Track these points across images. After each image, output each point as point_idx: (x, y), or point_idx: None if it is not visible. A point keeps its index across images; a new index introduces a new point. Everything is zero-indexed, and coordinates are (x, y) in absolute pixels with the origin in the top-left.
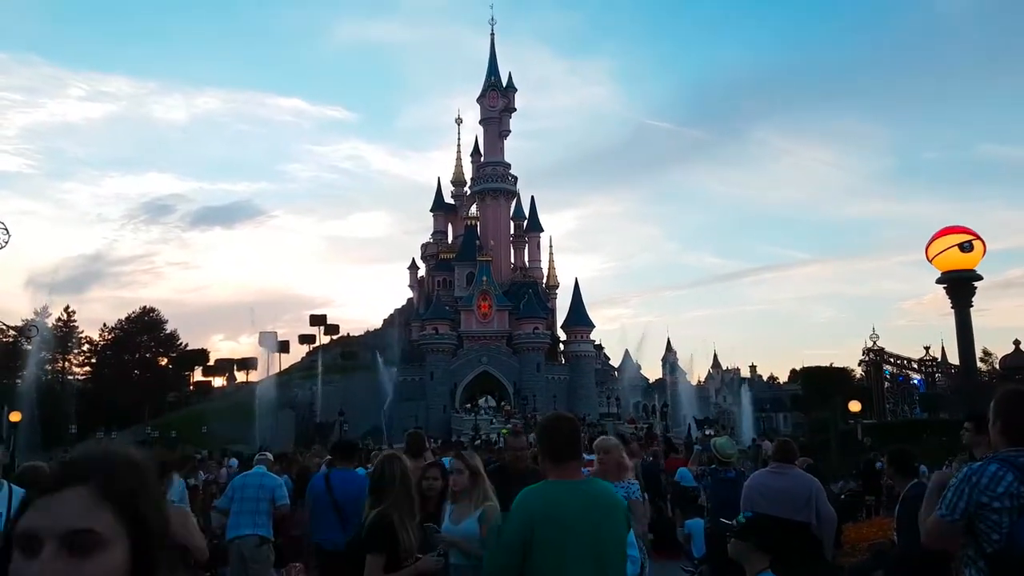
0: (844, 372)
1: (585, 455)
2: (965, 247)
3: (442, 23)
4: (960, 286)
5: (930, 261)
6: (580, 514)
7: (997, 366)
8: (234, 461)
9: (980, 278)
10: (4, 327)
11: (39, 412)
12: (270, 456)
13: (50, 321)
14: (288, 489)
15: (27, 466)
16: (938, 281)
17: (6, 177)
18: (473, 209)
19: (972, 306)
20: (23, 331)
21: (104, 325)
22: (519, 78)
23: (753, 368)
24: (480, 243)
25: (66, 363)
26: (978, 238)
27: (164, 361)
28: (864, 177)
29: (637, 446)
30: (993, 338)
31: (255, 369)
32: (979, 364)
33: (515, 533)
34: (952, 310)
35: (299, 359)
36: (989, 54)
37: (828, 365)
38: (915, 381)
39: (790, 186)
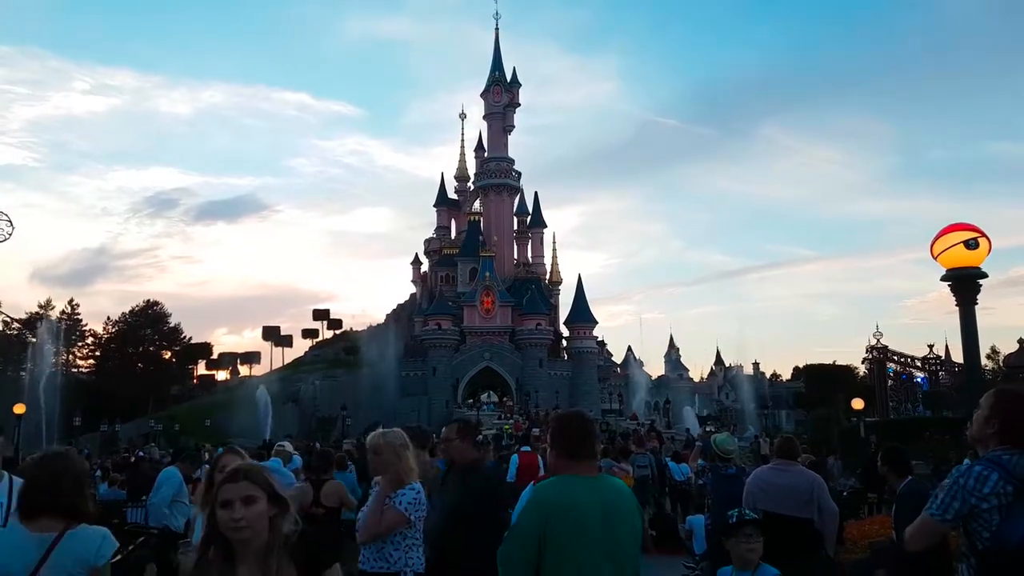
0: (847, 370)
1: (610, 461)
2: (970, 244)
3: (447, 19)
4: (965, 283)
5: (935, 258)
6: (595, 510)
7: (1002, 364)
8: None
9: (985, 275)
10: (9, 320)
11: (43, 405)
12: (288, 448)
13: (54, 314)
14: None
15: (31, 459)
16: (943, 278)
17: (11, 170)
18: (476, 204)
19: (977, 304)
20: (28, 324)
21: (108, 318)
22: (524, 74)
23: (756, 365)
24: (483, 239)
25: (70, 356)
26: (983, 235)
27: (168, 355)
28: (869, 175)
29: (644, 435)
30: (999, 336)
31: (258, 363)
32: (984, 362)
33: (531, 526)
34: (957, 308)
35: (302, 353)
36: (996, 52)
37: (831, 363)
38: (919, 379)
39: (795, 183)
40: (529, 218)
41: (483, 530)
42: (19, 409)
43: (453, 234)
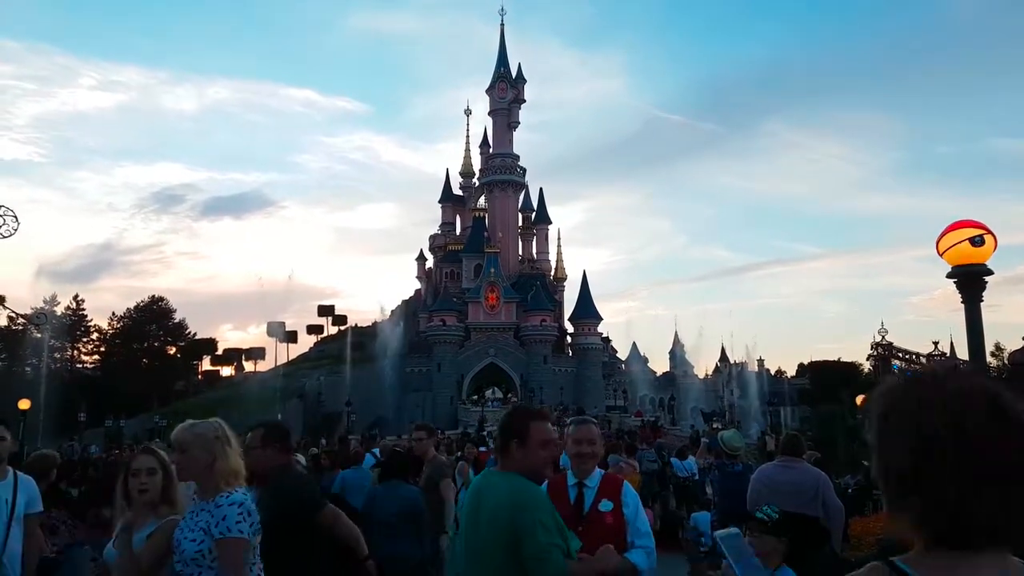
0: (852, 367)
1: (617, 456)
2: (976, 241)
3: (452, 14)
4: (971, 280)
5: (940, 255)
6: (468, 505)
7: (1007, 361)
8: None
9: (991, 272)
10: (14, 315)
11: (48, 400)
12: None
13: (59, 309)
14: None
15: (36, 454)
16: (948, 275)
17: (17, 165)
18: (481, 201)
19: (983, 301)
20: (33, 319)
21: (113, 314)
22: (529, 70)
23: (761, 362)
24: (488, 235)
25: (75, 352)
26: (989, 232)
27: (173, 350)
28: (875, 171)
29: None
30: (1004, 333)
31: (263, 359)
32: (989, 359)
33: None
34: (962, 304)
35: (307, 349)
36: (1002, 48)
37: (836, 360)
38: None
39: (800, 180)
40: (534, 214)
41: (298, 540)
42: (24, 404)
43: (458, 230)
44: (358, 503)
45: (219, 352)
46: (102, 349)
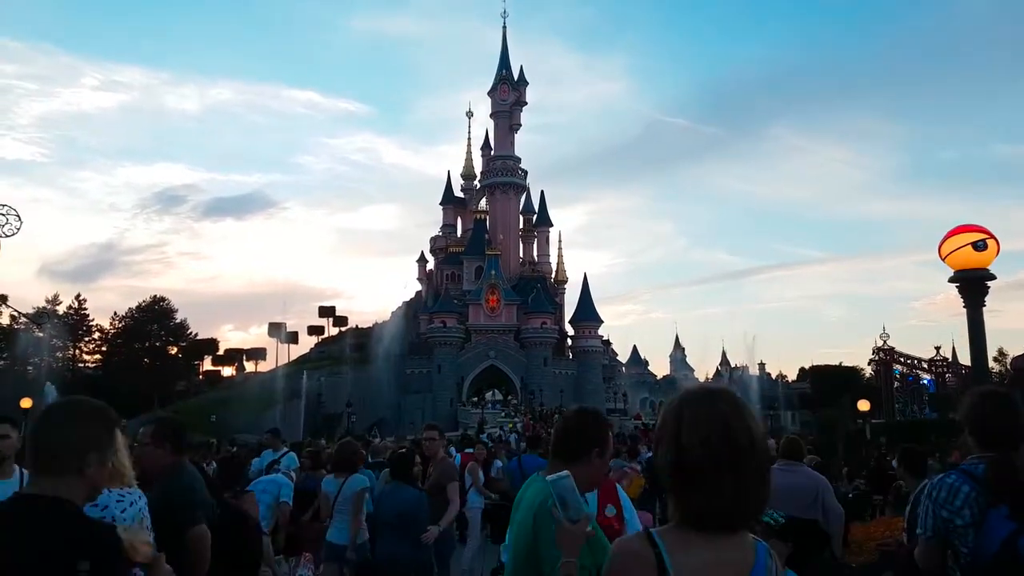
0: (854, 371)
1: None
2: (979, 246)
3: (454, 17)
4: (973, 285)
5: (943, 259)
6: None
7: (1009, 366)
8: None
9: (993, 277)
10: (16, 314)
11: (49, 399)
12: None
13: (61, 309)
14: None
15: None
16: (951, 280)
17: (20, 165)
18: (483, 203)
19: (985, 305)
20: (35, 319)
21: (115, 314)
22: (531, 72)
23: (762, 366)
24: (489, 237)
25: (77, 351)
26: (992, 237)
27: (174, 350)
28: (878, 175)
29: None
30: (1006, 339)
31: (264, 359)
32: (992, 364)
33: None
34: (964, 309)
35: (308, 350)
36: (1007, 54)
37: (838, 364)
38: (925, 381)
39: (804, 184)
40: (535, 217)
41: (174, 549)
42: (26, 404)
43: (459, 232)
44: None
45: (220, 352)
46: (103, 349)
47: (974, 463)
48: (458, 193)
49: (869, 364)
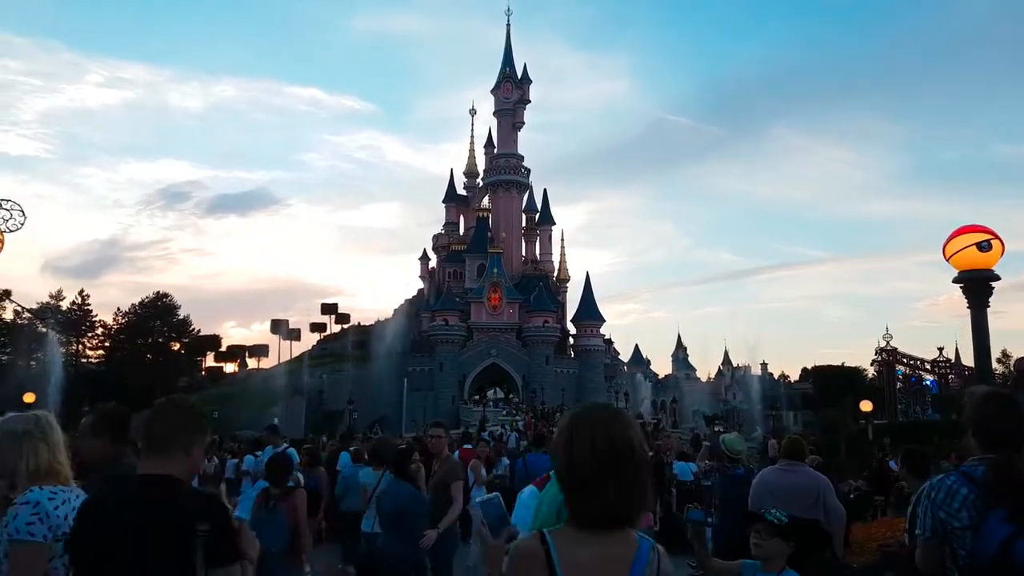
0: (856, 372)
1: None
2: (983, 246)
3: (458, 15)
4: (977, 286)
5: (947, 260)
6: None
7: (1013, 367)
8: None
9: (998, 278)
10: (20, 309)
11: (53, 395)
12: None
13: (65, 304)
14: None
15: None
16: (955, 280)
17: (24, 161)
18: (485, 201)
19: (989, 306)
20: (39, 314)
21: (118, 309)
22: (535, 71)
23: (764, 366)
24: (491, 235)
25: (80, 346)
26: (997, 237)
27: (176, 346)
28: (881, 176)
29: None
30: (1010, 341)
31: (266, 356)
32: (995, 365)
33: None
34: (968, 310)
35: (310, 347)
36: (1009, 54)
37: (840, 364)
38: (928, 382)
39: (806, 184)
40: (538, 215)
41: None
42: (29, 398)
43: (462, 230)
44: (358, 503)
45: (223, 349)
46: (106, 344)
47: (974, 465)
48: (461, 191)
49: (872, 365)
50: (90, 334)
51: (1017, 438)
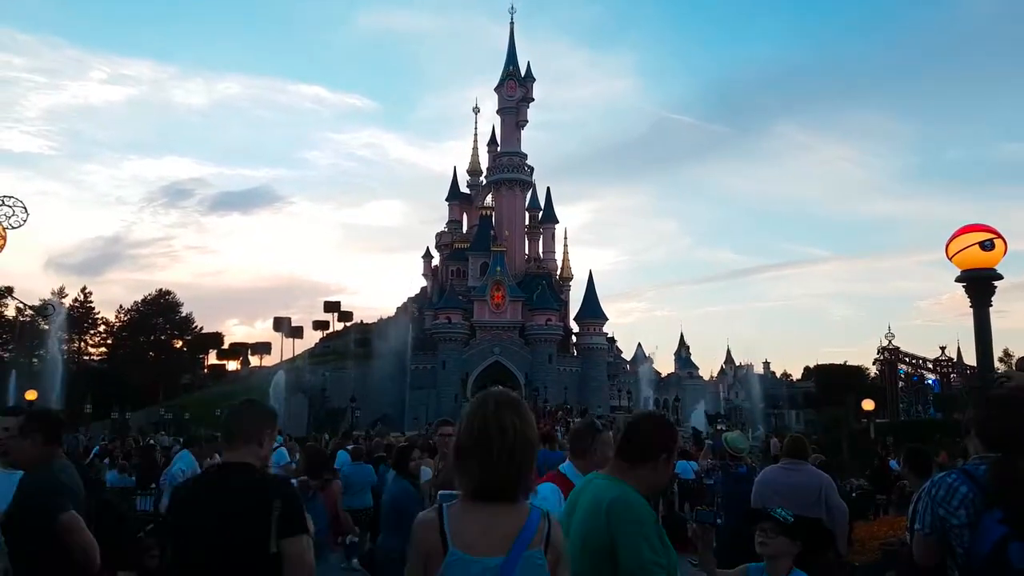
0: (858, 370)
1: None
2: (986, 245)
3: (462, 12)
4: (980, 285)
5: (950, 259)
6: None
7: (1014, 367)
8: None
9: (1000, 277)
10: (22, 306)
11: (55, 392)
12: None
13: (67, 301)
14: None
15: None
16: (958, 279)
17: (27, 158)
18: (488, 199)
19: (992, 305)
20: (40, 311)
21: (120, 307)
22: (538, 69)
23: (767, 364)
24: (495, 233)
25: (82, 344)
26: (1000, 237)
27: (179, 344)
28: (884, 174)
29: None
30: (1012, 339)
31: (269, 354)
32: (997, 365)
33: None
34: (971, 309)
35: (312, 345)
36: (1013, 53)
37: (842, 363)
38: (930, 381)
39: (810, 182)
40: (541, 213)
41: (35, 543)
42: (31, 395)
43: (464, 228)
44: (361, 500)
45: (225, 346)
46: (109, 341)
47: (976, 464)
48: (464, 189)
49: (874, 363)
50: (92, 331)
51: (1020, 439)
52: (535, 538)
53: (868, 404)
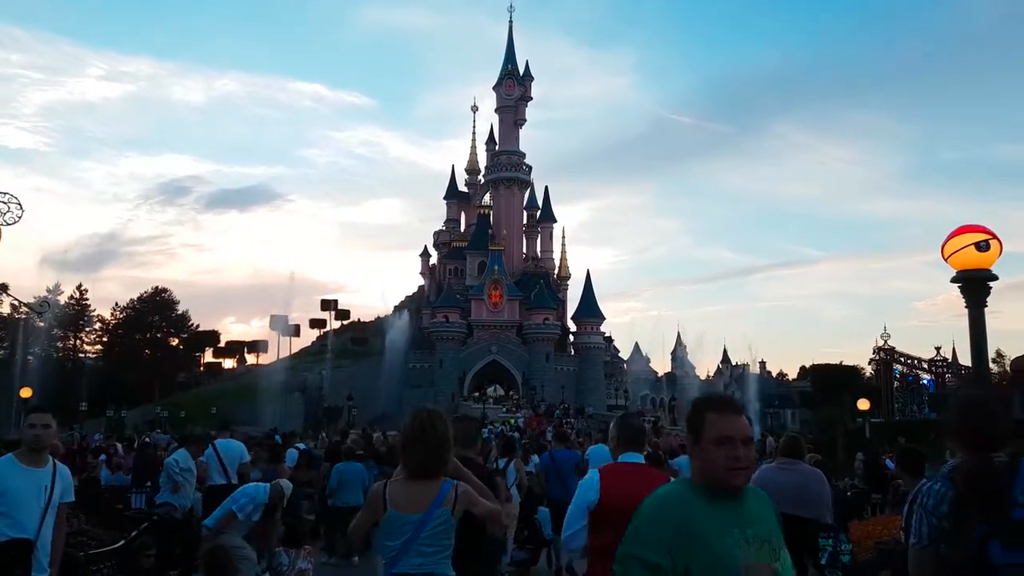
0: (854, 370)
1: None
2: (981, 246)
3: (461, 10)
4: (975, 285)
5: (945, 260)
6: None
7: (1008, 368)
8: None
9: (996, 278)
10: (17, 303)
11: (50, 389)
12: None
13: (62, 299)
14: None
15: None
16: (953, 280)
17: (23, 154)
18: (487, 198)
19: (987, 306)
20: (35, 308)
21: (116, 304)
22: (537, 67)
23: (763, 364)
24: (493, 232)
25: (78, 341)
26: (995, 238)
27: (175, 342)
28: (883, 175)
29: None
30: (1006, 340)
31: (265, 352)
32: (991, 365)
33: None
34: (966, 309)
35: (309, 343)
36: (1012, 54)
37: (838, 363)
38: (925, 381)
39: (808, 182)
40: (539, 212)
41: None
42: (25, 393)
43: (462, 227)
44: (354, 497)
45: (221, 344)
46: (104, 339)
47: (955, 467)
48: (462, 188)
49: (869, 363)
50: (88, 329)
51: (991, 439)
52: (445, 500)
53: (863, 404)
